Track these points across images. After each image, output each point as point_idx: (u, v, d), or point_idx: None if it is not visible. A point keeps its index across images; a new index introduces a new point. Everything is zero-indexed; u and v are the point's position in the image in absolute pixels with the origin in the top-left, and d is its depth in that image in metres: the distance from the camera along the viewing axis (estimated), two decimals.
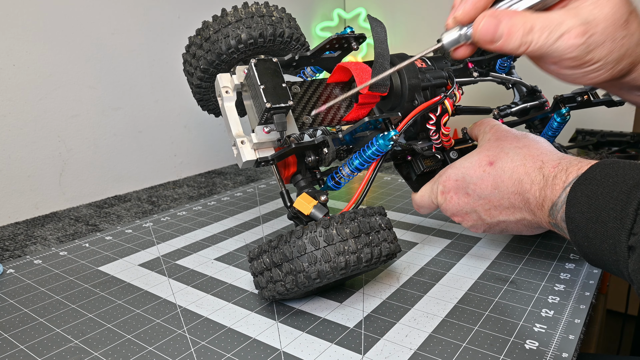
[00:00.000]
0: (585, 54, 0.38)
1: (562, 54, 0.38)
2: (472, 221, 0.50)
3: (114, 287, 0.52)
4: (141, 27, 0.88)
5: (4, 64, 0.71)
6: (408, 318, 0.44)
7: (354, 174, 0.50)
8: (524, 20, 0.38)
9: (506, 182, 0.45)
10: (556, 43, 0.38)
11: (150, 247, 0.62)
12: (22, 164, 0.75)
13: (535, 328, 0.42)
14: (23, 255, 0.61)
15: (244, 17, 0.51)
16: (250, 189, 0.88)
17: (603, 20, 0.37)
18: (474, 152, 0.49)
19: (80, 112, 0.81)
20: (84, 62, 0.80)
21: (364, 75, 0.50)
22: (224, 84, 0.49)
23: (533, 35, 0.38)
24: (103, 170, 0.86)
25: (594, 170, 0.38)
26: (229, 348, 0.41)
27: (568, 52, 0.38)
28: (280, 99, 0.45)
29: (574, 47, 0.38)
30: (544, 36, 0.38)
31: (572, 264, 0.54)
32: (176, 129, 0.98)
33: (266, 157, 0.47)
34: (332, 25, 1.35)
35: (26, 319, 0.46)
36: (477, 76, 0.60)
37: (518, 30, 0.38)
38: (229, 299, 0.49)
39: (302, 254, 0.41)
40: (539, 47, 0.38)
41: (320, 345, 0.41)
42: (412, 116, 0.50)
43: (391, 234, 0.45)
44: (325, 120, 0.53)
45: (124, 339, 0.42)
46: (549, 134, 0.61)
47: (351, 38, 0.51)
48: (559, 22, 0.37)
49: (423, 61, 0.54)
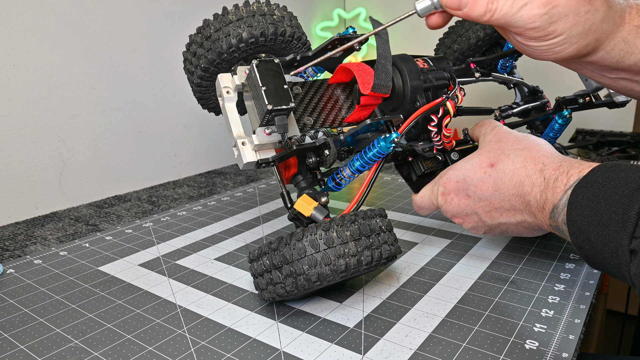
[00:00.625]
0: (548, 24, 0.39)
1: (525, 23, 0.40)
2: (473, 223, 0.50)
3: (114, 287, 0.52)
4: (141, 27, 0.88)
5: (4, 64, 0.71)
6: (408, 318, 0.45)
7: (354, 175, 0.50)
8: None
9: (507, 184, 0.45)
10: (519, 12, 0.39)
11: (150, 247, 0.62)
12: (22, 164, 0.75)
13: (535, 328, 0.42)
14: (23, 255, 0.61)
15: (245, 16, 0.51)
16: (251, 189, 0.87)
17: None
18: (475, 153, 0.49)
19: (80, 112, 0.81)
20: (84, 62, 0.80)
21: (366, 75, 0.49)
22: (225, 84, 0.49)
23: (498, 3, 0.40)
24: (103, 170, 0.86)
25: (595, 173, 0.38)
26: (229, 348, 0.41)
27: (531, 22, 0.39)
28: (282, 101, 0.44)
29: (537, 17, 0.39)
30: (508, 4, 0.39)
31: (572, 264, 0.54)
32: (176, 129, 0.98)
33: (267, 159, 0.47)
34: (332, 25, 1.35)
35: (26, 319, 0.46)
36: (479, 76, 0.60)
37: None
38: (229, 299, 0.49)
39: (302, 256, 0.41)
40: (503, 14, 0.40)
41: (320, 345, 0.41)
42: (414, 118, 0.50)
43: (392, 236, 0.45)
44: (326, 121, 0.53)
45: (124, 339, 0.42)
46: (550, 135, 0.61)
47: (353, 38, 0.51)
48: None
49: (425, 62, 0.53)
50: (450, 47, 0.68)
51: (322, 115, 0.53)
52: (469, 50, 0.67)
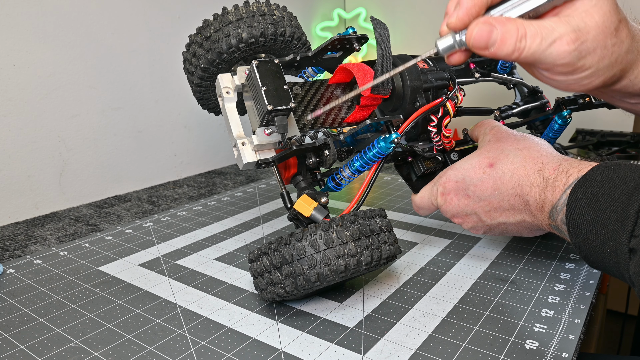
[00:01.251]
0: (577, 60, 0.38)
1: (554, 60, 0.39)
2: (472, 223, 0.50)
3: (114, 287, 0.52)
4: (141, 27, 0.88)
5: (4, 64, 0.71)
6: (408, 318, 0.45)
7: (354, 175, 0.50)
8: (517, 27, 0.38)
9: (506, 184, 0.45)
10: (549, 49, 0.38)
11: (150, 247, 0.62)
12: (22, 164, 0.75)
13: (536, 328, 0.42)
14: (23, 255, 0.61)
15: (245, 16, 0.51)
16: (251, 189, 0.88)
17: (594, 28, 0.38)
18: (474, 153, 0.49)
19: (80, 112, 0.81)
20: (84, 62, 0.80)
21: (365, 76, 0.50)
22: (225, 84, 0.49)
23: (526, 41, 0.38)
24: (103, 170, 0.86)
25: (594, 172, 0.38)
26: (229, 348, 0.41)
27: (560, 59, 0.38)
28: (282, 101, 0.44)
29: (567, 54, 0.38)
30: (537, 42, 0.38)
31: (572, 264, 0.54)
32: (176, 129, 0.98)
33: (267, 159, 0.47)
34: (332, 25, 1.35)
35: (26, 319, 0.46)
36: (479, 77, 0.60)
37: (511, 37, 0.38)
38: (229, 299, 0.49)
39: (302, 256, 0.41)
40: (532, 52, 0.38)
41: (320, 345, 0.41)
42: (414, 119, 0.50)
43: (391, 237, 0.45)
44: (326, 122, 0.53)
45: (124, 339, 0.42)
46: (550, 135, 0.61)
47: (353, 39, 0.51)
48: (552, 29, 0.38)
49: (425, 62, 0.54)
50: None
51: (322, 115, 0.53)
52: None
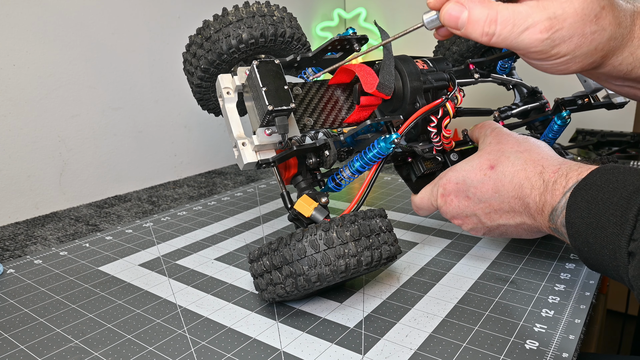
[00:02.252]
0: (550, 48, 0.38)
1: (526, 47, 0.38)
2: (472, 224, 0.50)
3: (114, 287, 0.52)
4: (141, 27, 0.88)
5: (4, 64, 0.71)
6: (408, 318, 0.45)
7: (354, 176, 0.50)
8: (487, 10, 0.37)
9: (506, 186, 0.45)
10: (520, 37, 0.37)
11: (150, 247, 0.63)
12: (22, 164, 0.75)
13: (536, 328, 0.42)
14: (23, 255, 0.61)
15: (245, 17, 0.51)
16: (251, 189, 0.88)
17: (572, 15, 0.36)
18: (475, 155, 0.49)
19: (80, 112, 0.81)
20: (84, 62, 0.80)
21: (368, 75, 0.50)
22: (225, 84, 0.49)
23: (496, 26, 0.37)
24: (103, 170, 0.86)
25: (594, 175, 0.38)
26: (229, 348, 0.41)
27: (532, 47, 0.38)
28: (282, 102, 0.44)
29: (539, 42, 0.37)
30: (507, 29, 0.37)
31: (572, 264, 0.54)
32: (176, 129, 0.98)
33: (267, 159, 0.47)
34: (332, 25, 1.35)
35: (26, 319, 0.46)
36: (478, 77, 0.60)
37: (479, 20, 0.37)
38: (229, 299, 0.49)
39: (302, 257, 0.41)
40: (503, 39, 0.38)
41: (320, 345, 0.41)
42: (414, 119, 0.50)
43: (392, 237, 0.45)
44: (326, 122, 0.53)
45: (124, 339, 0.42)
46: (550, 136, 0.61)
47: (353, 39, 0.51)
48: (525, 16, 0.37)
49: (424, 63, 0.54)
50: (450, 49, 0.68)
51: (322, 116, 0.53)
52: (468, 52, 0.67)
